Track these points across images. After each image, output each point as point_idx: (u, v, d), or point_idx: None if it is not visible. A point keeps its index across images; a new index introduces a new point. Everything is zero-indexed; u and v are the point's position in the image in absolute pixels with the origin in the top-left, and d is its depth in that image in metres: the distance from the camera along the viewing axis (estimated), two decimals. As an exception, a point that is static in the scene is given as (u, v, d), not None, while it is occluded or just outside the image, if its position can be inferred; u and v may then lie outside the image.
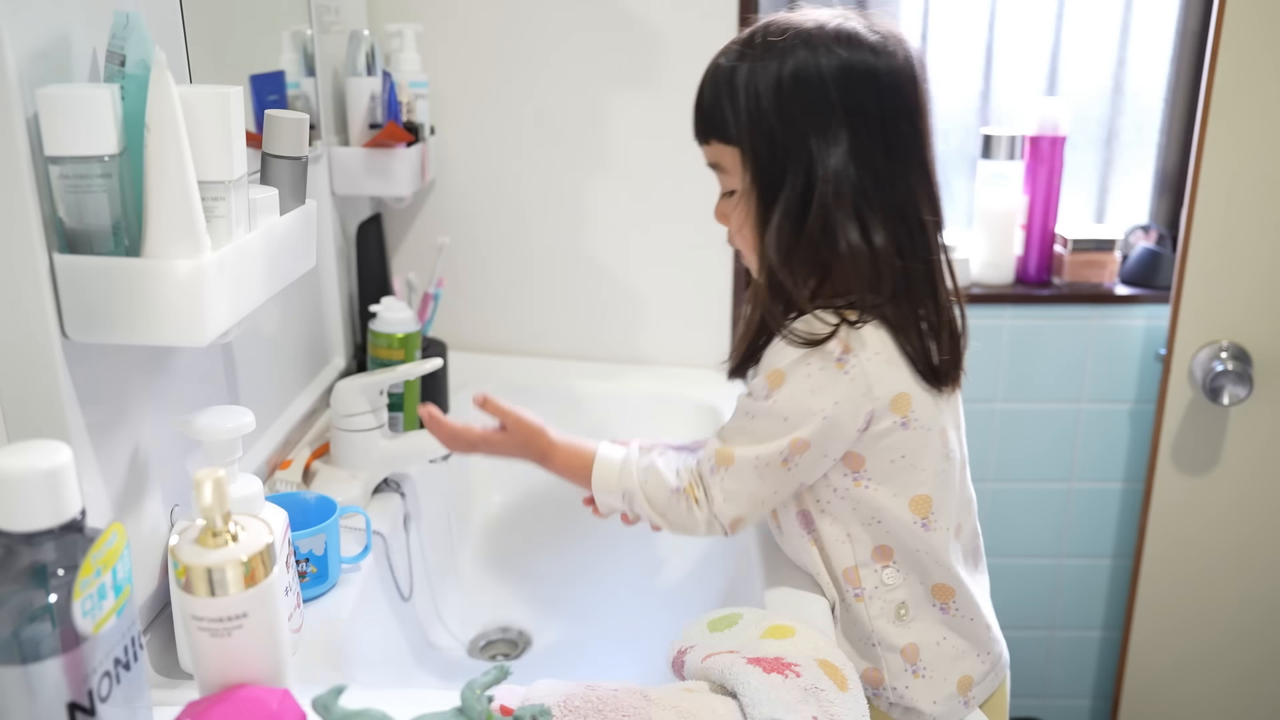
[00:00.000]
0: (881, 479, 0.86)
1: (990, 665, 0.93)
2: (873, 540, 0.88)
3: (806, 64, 0.80)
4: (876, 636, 0.89)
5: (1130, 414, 1.60)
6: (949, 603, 0.89)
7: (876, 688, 0.90)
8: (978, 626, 0.91)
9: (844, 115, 0.80)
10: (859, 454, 0.85)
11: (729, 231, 0.90)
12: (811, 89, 0.80)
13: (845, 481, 0.87)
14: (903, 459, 0.85)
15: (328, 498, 0.93)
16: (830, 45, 0.81)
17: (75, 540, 0.55)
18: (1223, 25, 1.30)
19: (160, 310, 0.67)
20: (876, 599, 0.88)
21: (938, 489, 0.87)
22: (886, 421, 0.83)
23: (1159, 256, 1.55)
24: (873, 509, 0.87)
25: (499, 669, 0.67)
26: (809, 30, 0.82)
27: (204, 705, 0.60)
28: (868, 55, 0.81)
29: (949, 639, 0.90)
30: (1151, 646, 1.57)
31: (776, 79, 0.81)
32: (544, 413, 1.41)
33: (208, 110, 0.68)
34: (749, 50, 0.83)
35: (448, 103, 1.44)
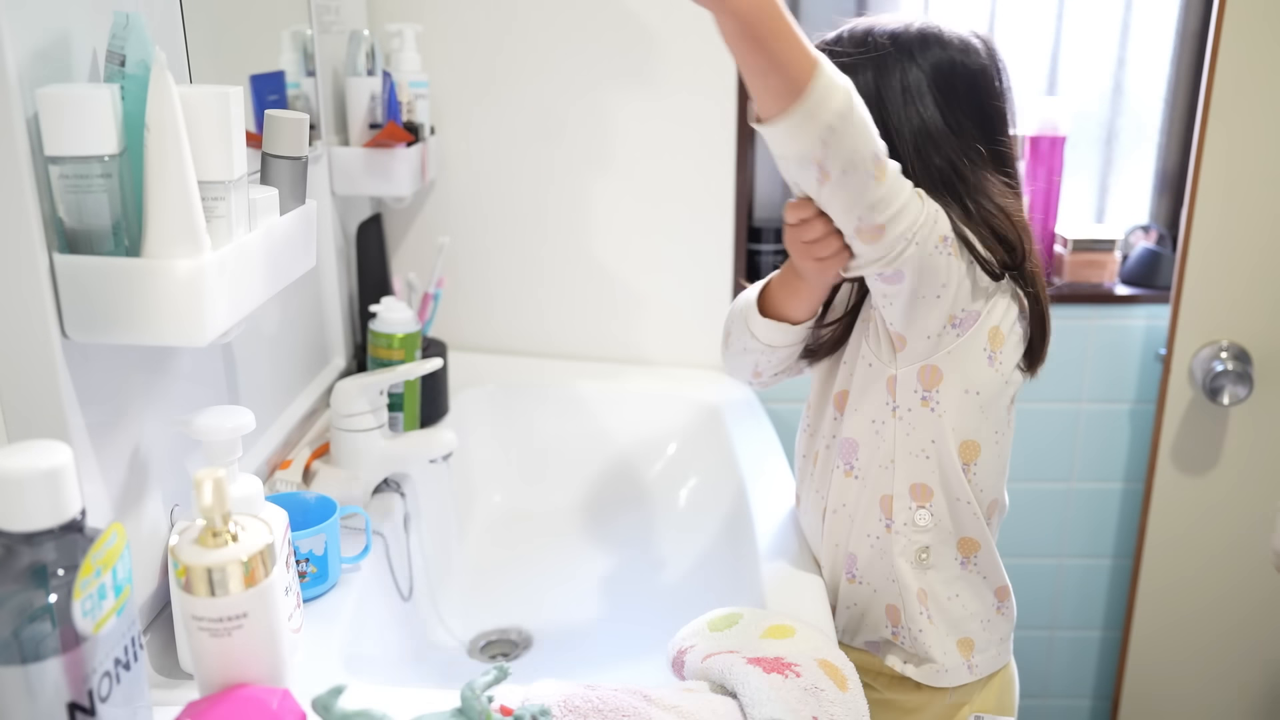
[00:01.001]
0: (948, 406, 0.87)
1: (993, 638, 0.94)
2: (914, 474, 0.89)
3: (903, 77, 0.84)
4: (896, 573, 0.91)
5: (1130, 414, 1.60)
6: (970, 556, 0.91)
7: (896, 626, 0.92)
8: (987, 589, 0.93)
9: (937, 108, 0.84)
10: (939, 368, 0.86)
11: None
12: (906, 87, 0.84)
13: (914, 399, 0.88)
14: (976, 394, 0.87)
15: (328, 498, 0.93)
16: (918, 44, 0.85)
17: (75, 540, 0.55)
18: (1223, 25, 1.30)
19: (160, 310, 0.67)
20: (902, 536, 0.90)
21: (989, 443, 0.89)
22: (980, 340, 0.85)
23: (1159, 256, 1.55)
24: (929, 437, 0.88)
25: (499, 669, 0.68)
26: (895, 30, 0.85)
27: (204, 705, 0.60)
28: (954, 50, 0.85)
29: (961, 595, 0.92)
30: (1151, 646, 1.57)
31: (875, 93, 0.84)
32: (544, 413, 1.42)
33: (208, 110, 0.68)
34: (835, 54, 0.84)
35: (448, 103, 1.44)
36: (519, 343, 1.54)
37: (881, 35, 0.85)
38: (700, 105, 1.42)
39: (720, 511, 1.23)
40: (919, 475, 0.89)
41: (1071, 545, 1.67)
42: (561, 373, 1.48)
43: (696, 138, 1.43)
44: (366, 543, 0.95)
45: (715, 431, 1.32)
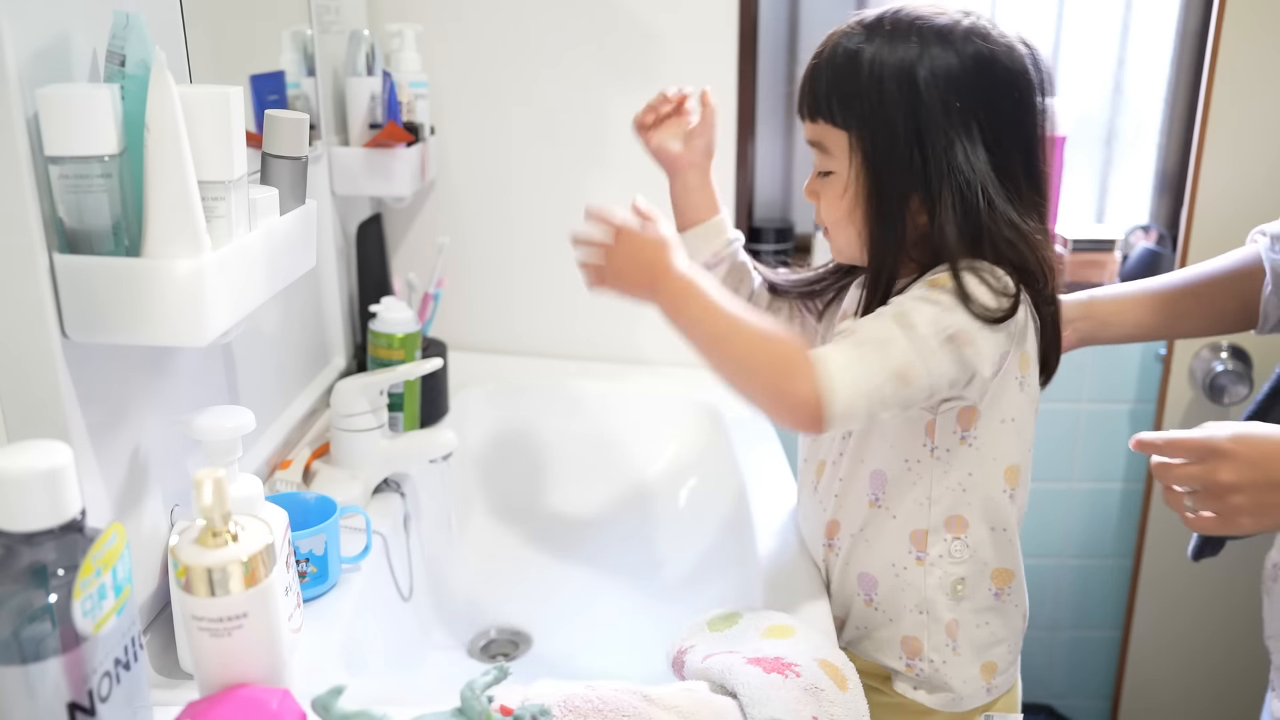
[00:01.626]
0: (988, 441, 0.86)
1: (1013, 659, 0.93)
2: (952, 508, 0.87)
3: (938, 59, 0.80)
4: (927, 604, 0.88)
5: (1130, 414, 1.60)
6: (1004, 588, 0.90)
7: (913, 657, 0.90)
8: (1018, 618, 0.92)
9: (972, 112, 0.80)
10: (976, 409, 0.84)
11: (818, 209, 0.89)
12: (945, 84, 0.80)
13: (952, 439, 0.86)
14: (1012, 421, 0.86)
15: (328, 498, 0.93)
16: (966, 40, 0.80)
17: (75, 540, 0.55)
18: (1223, 25, 1.30)
19: (160, 310, 0.67)
20: (938, 568, 0.88)
21: (1024, 462, 0.88)
22: (1013, 372, 0.84)
23: (1159, 256, 1.55)
24: (967, 471, 0.86)
25: (499, 669, 0.68)
26: (940, 26, 0.81)
27: (204, 705, 0.60)
28: (999, 52, 0.81)
29: (991, 624, 0.90)
30: (1151, 646, 1.57)
31: (909, 71, 0.80)
32: (544, 413, 1.42)
33: (208, 110, 0.68)
34: (877, 36, 0.82)
35: (448, 103, 1.44)
36: (519, 343, 1.54)
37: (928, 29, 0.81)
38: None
39: (720, 511, 1.23)
40: (956, 508, 0.87)
41: (1071, 545, 1.67)
42: (561, 373, 1.48)
43: (696, 138, 1.43)
44: (366, 543, 0.95)
45: (715, 431, 1.32)
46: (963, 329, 0.77)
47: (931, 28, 0.81)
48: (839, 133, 0.84)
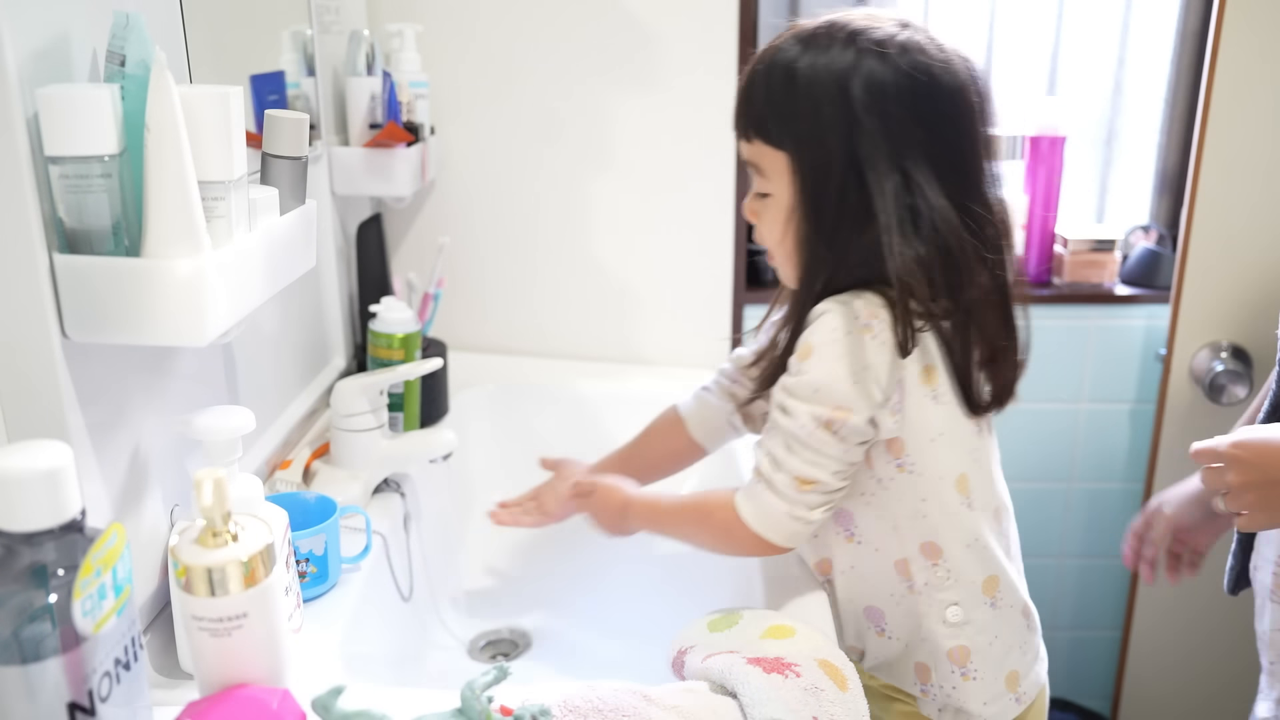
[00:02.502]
0: (924, 462, 0.84)
1: (1031, 658, 0.92)
2: (922, 535, 0.86)
3: (873, 73, 0.77)
4: (925, 633, 0.87)
5: (1130, 414, 1.60)
6: (995, 595, 0.88)
7: (925, 684, 0.89)
8: (1016, 614, 0.90)
9: (912, 127, 0.78)
10: (899, 437, 0.83)
11: (758, 229, 0.88)
12: (879, 100, 0.77)
13: (890, 469, 0.85)
14: (941, 436, 0.84)
15: (328, 498, 0.93)
16: (900, 54, 0.78)
17: (75, 540, 0.55)
18: (1223, 25, 1.30)
19: (160, 310, 0.67)
20: (925, 595, 0.87)
21: (971, 466, 0.86)
22: (917, 394, 0.82)
23: (1159, 256, 1.55)
24: (919, 496, 0.85)
25: (499, 669, 0.68)
26: (875, 38, 0.78)
27: (204, 705, 0.60)
28: (935, 65, 0.79)
29: (1000, 637, 0.88)
30: (1151, 646, 1.57)
31: (840, 86, 0.77)
32: (544, 413, 1.42)
33: (208, 110, 0.68)
34: (809, 50, 0.79)
35: (448, 103, 1.44)
36: (519, 343, 1.54)
37: (866, 41, 0.78)
38: (700, 106, 1.42)
39: (720, 511, 1.22)
40: (924, 534, 0.86)
41: (1071, 545, 1.67)
42: (561, 373, 1.48)
43: (696, 138, 1.43)
44: (366, 543, 0.95)
45: (715, 431, 1.32)
46: (835, 413, 0.80)
47: (868, 40, 0.78)
48: (776, 153, 0.82)
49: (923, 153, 0.78)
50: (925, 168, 0.78)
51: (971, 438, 0.86)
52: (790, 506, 0.82)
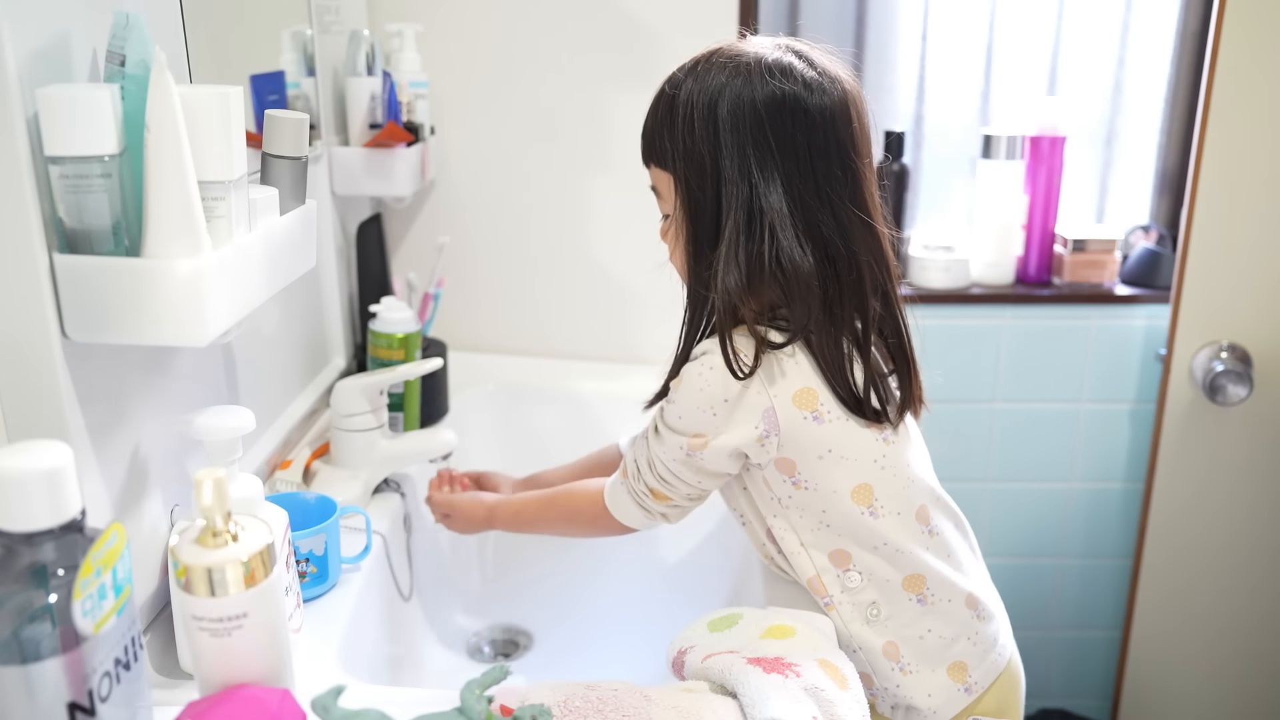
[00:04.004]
0: (816, 478, 0.86)
1: (985, 648, 0.92)
2: (828, 544, 0.88)
3: (739, 95, 0.81)
4: (856, 641, 0.88)
5: (1130, 414, 1.60)
6: (924, 592, 0.89)
7: (870, 689, 0.90)
8: (957, 607, 0.90)
9: (772, 148, 0.81)
10: (788, 458, 0.85)
11: (669, 251, 0.91)
12: (740, 120, 0.81)
13: (786, 488, 0.87)
14: (829, 453, 0.85)
15: (328, 498, 0.93)
16: (764, 78, 0.81)
17: (75, 540, 0.55)
18: (1223, 25, 1.30)
19: (160, 310, 0.67)
20: (845, 603, 0.88)
21: (876, 474, 0.87)
22: (794, 416, 0.83)
23: (1159, 256, 1.55)
24: (819, 509, 0.87)
25: (499, 669, 0.68)
26: (747, 61, 0.83)
27: (204, 705, 0.60)
28: (800, 90, 0.82)
29: (934, 629, 0.89)
30: (1151, 646, 1.57)
31: (710, 108, 0.82)
32: (544, 413, 1.42)
33: (208, 110, 0.68)
34: (690, 76, 0.84)
35: (448, 103, 1.44)
36: (519, 343, 1.54)
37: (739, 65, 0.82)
38: (700, 105, 1.42)
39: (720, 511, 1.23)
40: (831, 543, 0.88)
41: (1071, 545, 1.67)
42: (561, 373, 1.48)
43: (696, 138, 1.43)
44: (366, 543, 0.95)
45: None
46: (693, 442, 0.85)
47: (738, 64, 0.82)
48: (666, 175, 0.87)
49: (777, 170, 0.82)
50: (777, 184, 0.82)
51: (871, 447, 0.87)
52: (644, 513, 0.93)
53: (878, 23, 1.54)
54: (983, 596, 0.92)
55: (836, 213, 0.83)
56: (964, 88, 1.58)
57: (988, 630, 0.93)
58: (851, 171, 0.84)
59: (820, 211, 0.83)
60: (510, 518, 1.05)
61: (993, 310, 1.56)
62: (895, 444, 0.89)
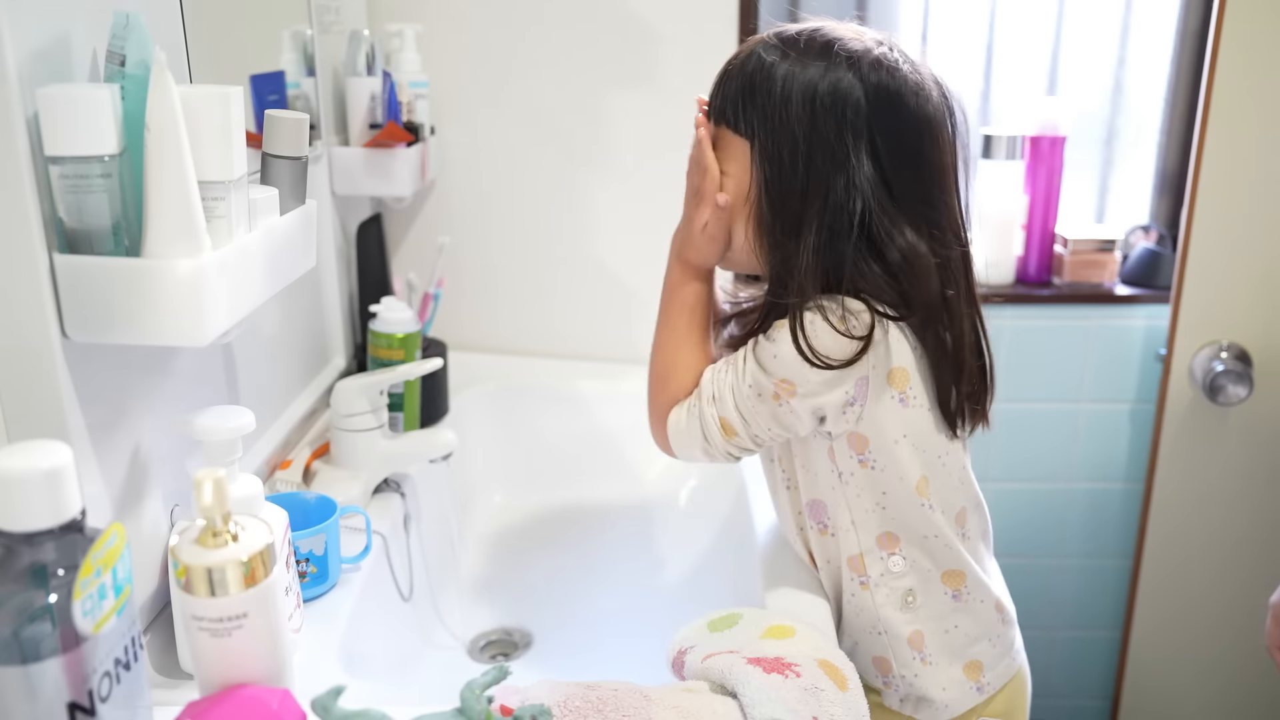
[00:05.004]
0: (887, 461, 0.86)
1: (1002, 650, 0.93)
2: (878, 526, 0.88)
3: (845, 84, 0.81)
4: (883, 624, 0.89)
5: (1130, 414, 1.60)
6: (960, 588, 0.90)
7: (887, 675, 0.91)
8: (988, 609, 0.91)
9: (869, 141, 0.81)
10: (863, 434, 0.85)
11: None
12: (845, 109, 0.80)
13: (852, 464, 0.87)
14: (904, 439, 0.85)
15: (328, 498, 0.93)
16: (872, 70, 0.81)
17: (75, 540, 0.55)
18: (1223, 25, 1.30)
19: (160, 310, 0.67)
20: (883, 586, 0.89)
21: (938, 470, 0.87)
22: (884, 394, 0.83)
23: (1159, 256, 1.55)
24: (879, 490, 0.87)
25: (499, 669, 0.68)
26: (855, 51, 0.82)
27: (204, 705, 0.60)
28: (905, 88, 0.82)
29: (961, 625, 0.90)
30: (1151, 646, 1.57)
31: (813, 90, 0.81)
32: (544, 412, 1.42)
33: (208, 110, 0.68)
34: (791, 51, 0.83)
35: (448, 103, 1.44)
36: (519, 343, 1.54)
37: (840, 53, 0.82)
38: (700, 105, 1.42)
39: (720, 511, 1.23)
40: (881, 526, 0.88)
41: (1071, 545, 1.67)
42: (561, 373, 1.48)
43: (696, 138, 1.43)
44: (366, 543, 0.95)
45: (715, 431, 1.32)
46: (781, 387, 0.83)
47: (844, 52, 0.82)
48: (740, 141, 0.85)
49: (874, 164, 0.81)
50: (877, 178, 0.81)
51: (939, 442, 0.87)
52: (703, 441, 0.89)
53: (878, 23, 1.54)
54: (1006, 602, 0.94)
55: (930, 209, 0.83)
56: (964, 87, 1.58)
57: (1008, 634, 0.94)
58: (944, 177, 0.84)
59: (920, 204, 0.83)
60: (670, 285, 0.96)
61: (993, 310, 1.54)
62: (957, 444, 0.89)
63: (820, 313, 0.81)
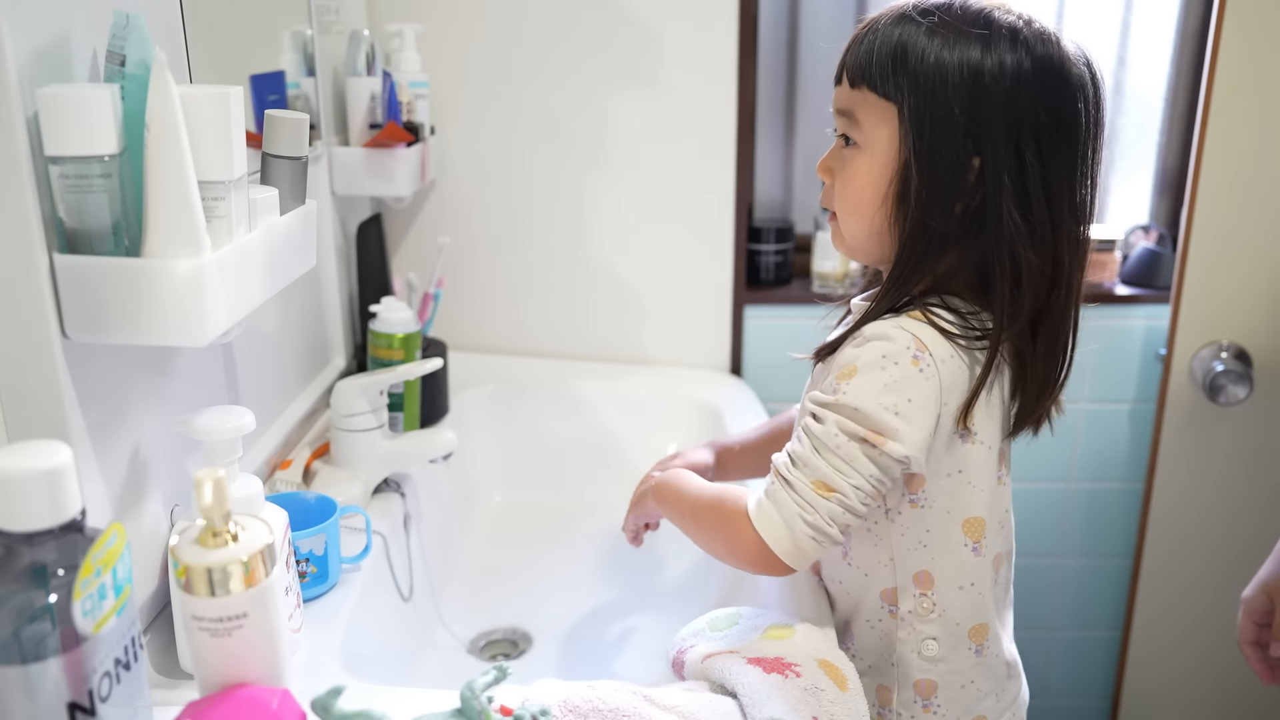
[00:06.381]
0: (937, 496, 0.81)
1: (1007, 704, 0.90)
2: (916, 565, 0.83)
3: (1012, 58, 0.75)
4: (897, 658, 0.85)
5: (1130, 414, 1.60)
6: (984, 643, 0.85)
7: (884, 708, 0.87)
8: (999, 664, 0.88)
9: (1030, 119, 0.75)
10: (918, 474, 0.80)
11: (828, 189, 0.83)
12: (1012, 85, 0.75)
13: (902, 503, 0.82)
14: (960, 474, 0.80)
15: (328, 498, 0.93)
16: (1038, 43, 0.76)
17: (75, 540, 0.55)
18: (1223, 25, 1.30)
19: (160, 310, 0.67)
20: (908, 623, 0.84)
21: (989, 511, 0.82)
22: (945, 429, 0.78)
23: (1159, 256, 1.55)
24: (924, 528, 0.82)
25: (499, 669, 0.68)
26: (1011, 23, 0.76)
27: (204, 705, 0.60)
28: (1069, 64, 0.78)
29: (976, 682, 0.86)
30: (1151, 646, 1.57)
31: (976, 62, 0.75)
32: (544, 413, 1.42)
33: (208, 110, 0.68)
34: (946, 19, 0.76)
35: (448, 103, 1.44)
36: (519, 343, 1.54)
37: (999, 25, 0.76)
38: (700, 105, 1.42)
39: (720, 511, 1.22)
40: (921, 564, 0.83)
41: (1071, 545, 1.67)
42: (561, 373, 1.48)
43: (697, 138, 1.43)
44: (366, 543, 0.95)
45: (715, 431, 1.32)
46: (871, 433, 0.74)
47: (1003, 23, 0.76)
48: (886, 104, 0.77)
49: (1037, 144, 0.76)
50: (1038, 160, 0.76)
51: (992, 480, 0.83)
52: (802, 509, 0.74)
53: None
54: (1014, 655, 0.90)
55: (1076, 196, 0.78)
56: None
57: (1011, 689, 0.90)
58: (1093, 154, 0.79)
59: (1067, 194, 0.77)
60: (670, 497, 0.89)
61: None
62: (1005, 483, 0.85)
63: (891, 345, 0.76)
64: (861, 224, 0.81)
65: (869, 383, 0.75)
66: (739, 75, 1.41)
